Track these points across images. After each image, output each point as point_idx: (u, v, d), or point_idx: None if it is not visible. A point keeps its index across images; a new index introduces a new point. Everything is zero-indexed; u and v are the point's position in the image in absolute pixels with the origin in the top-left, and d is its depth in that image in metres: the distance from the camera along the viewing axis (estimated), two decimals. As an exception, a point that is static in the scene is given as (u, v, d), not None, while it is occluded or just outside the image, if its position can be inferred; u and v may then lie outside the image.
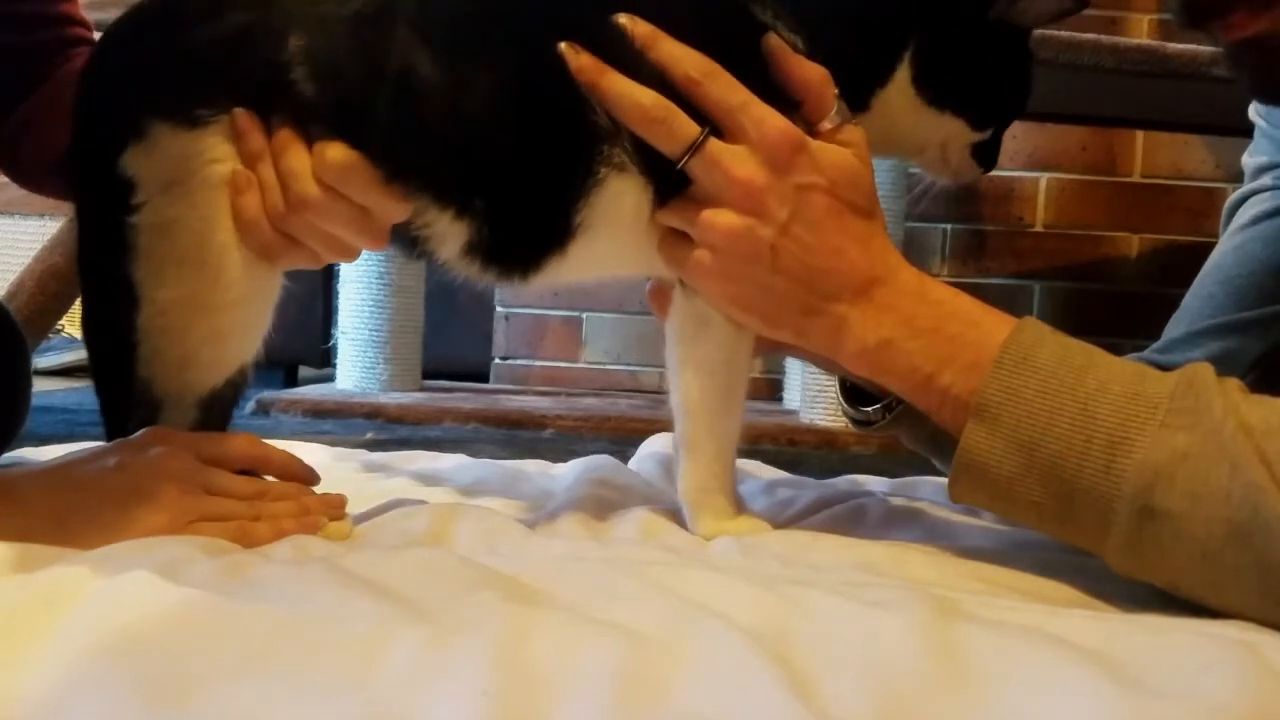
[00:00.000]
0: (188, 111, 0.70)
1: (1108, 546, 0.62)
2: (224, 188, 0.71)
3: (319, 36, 0.70)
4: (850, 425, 0.90)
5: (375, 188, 0.71)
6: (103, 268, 0.74)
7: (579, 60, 0.69)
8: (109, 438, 0.77)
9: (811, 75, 0.72)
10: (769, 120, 0.69)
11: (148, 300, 0.73)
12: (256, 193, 0.71)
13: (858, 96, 0.75)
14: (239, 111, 0.70)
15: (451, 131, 0.71)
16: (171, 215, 0.71)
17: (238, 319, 0.75)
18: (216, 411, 0.77)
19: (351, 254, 0.76)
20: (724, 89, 0.70)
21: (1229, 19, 0.73)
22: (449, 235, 0.73)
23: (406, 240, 0.75)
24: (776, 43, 0.72)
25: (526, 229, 0.74)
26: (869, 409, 0.86)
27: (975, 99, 0.79)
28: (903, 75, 0.77)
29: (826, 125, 0.72)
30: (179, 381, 0.75)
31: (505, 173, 0.72)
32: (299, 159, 0.70)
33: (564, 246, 0.73)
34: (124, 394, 0.76)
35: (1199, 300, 1.00)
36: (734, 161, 0.69)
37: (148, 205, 0.71)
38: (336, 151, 0.70)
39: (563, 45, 0.69)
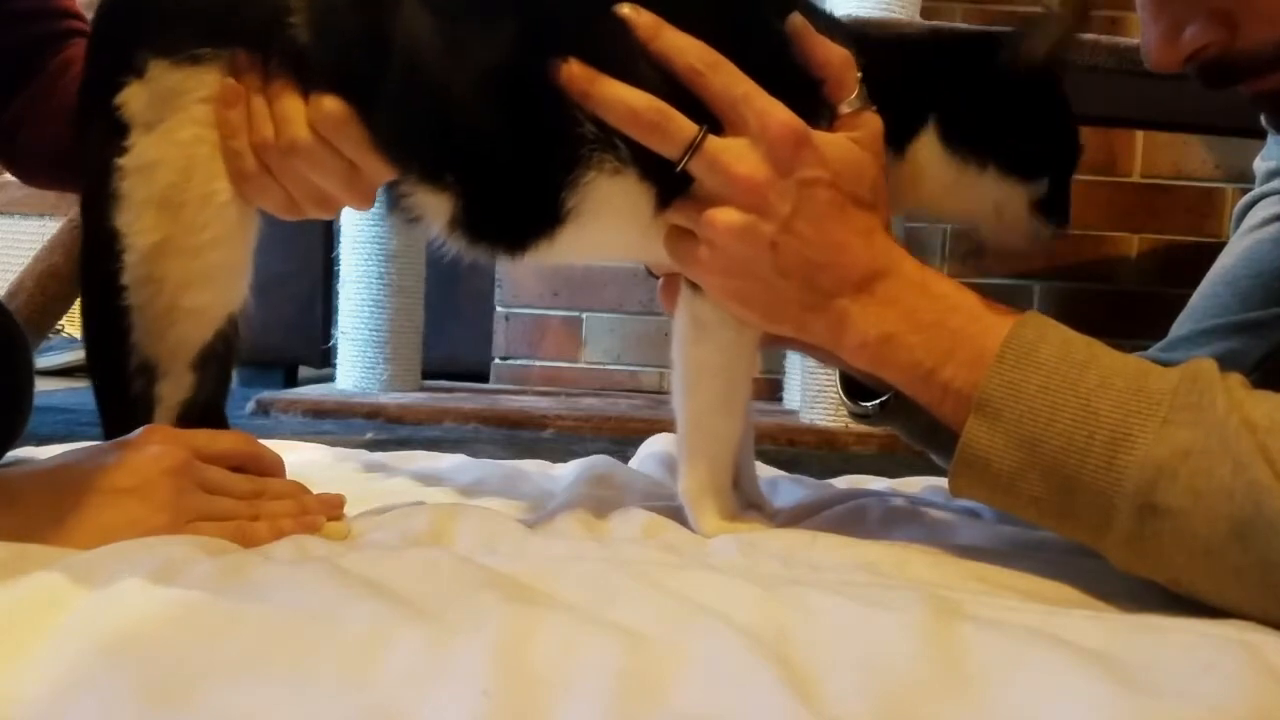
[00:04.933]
0: (187, 48, 0.71)
1: (1108, 542, 0.62)
2: (209, 127, 0.72)
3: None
4: (849, 418, 0.90)
5: (365, 147, 0.72)
6: (99, 226, 0.75)
7: (569, 70, 0.69)
8: (105, 425, 0.77)
9: (833, 55, 0.71)
10: (772, 112, 0.68)
11: (130, 249, 0.73)
12: (244, 109, 0.72)
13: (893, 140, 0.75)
14: (241, 53, 0.71)
15: (441, 106, 0.71)
16: (154, 156, 0.72)
17: (216, 262, 0.75)
18: (212, 373, 0.77)
19: (331, 208, 0.77)
20: (727, 80, 0.69)
21: (1243, 81, 0.73)
22: (433, 207, 0.73)
23: (397, 207, 0.75)
24: (800, 21, 0.71)
25: (514, 214, 0.74)
26: (867, 404, 0.86)
27: (1012, 151, 0.76)
28: (930, 137, 0.76)
29: (845, 108, 0.72)
30: (168, 339, 0.74)
31: (495, 156, 0.72)
32: (293, 104, 0.71)
33: (552, 234, 0.73)
34: (119, 372, 0.75)
35: (1204, 300, 1.00)
36: (734, 158, 0.69)
37: (134, 148, 0.72)
38: (332, 103, 0.71)
39: (558, 66, 0.69)
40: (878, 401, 0.85)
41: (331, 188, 0.74)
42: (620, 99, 0.69)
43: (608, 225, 0.73)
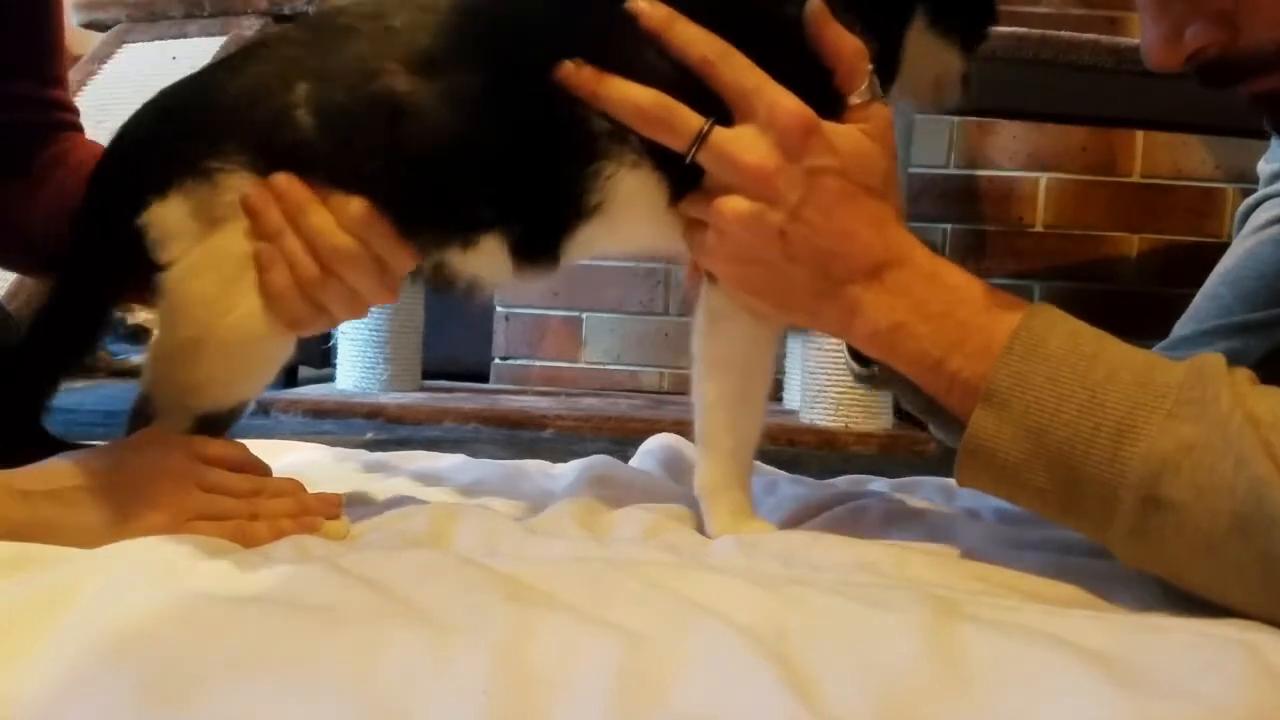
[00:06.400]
0: (203, 166, 0.71)
1: (1112, 535, 0.62)
2: (243, 255, 0.72)
3: (323, 82, 0.71)
4: (855, 382, 0.90)
5: (393, 240, 0.72)
6: (95, 297, 0.76)
7: (578, 75, 0.70)
8: None
9: (847, 45, 0.71)
10: (782, 102, 0.69)
11: (165, 332, 0.74)
12: (283, 265, 0.71)
13: (890, 61, 0.76)
14: (250, 194, 0.71)
15: (463, 160, 0.71)
16: (192, 281, 0.72)
17: (253, 368, 0.77)
18: (211, 425, 0.78)
19: (364, 309, 0.77)
20: (738, 70, 0.70)
21: (1243, 81, 0.73)
22: (484, 257, 0.74)
23: (438, 283, 0.76)
24: (818, 6, 0.71)
25: (551, 224, 0.74)
26: (875, 366, 0.86)
27: (975, 24, 0.81)
28: (918, 26, 0.77)
29: (855, 99, 0.72)
30: (182, 402, 0.75)
31: (520, 194, 0.72)
32: (322, 216, 0.71)
33: (581, 232, 0.74)
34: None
35: (1207, 301, 1.00)
36: (741, 148, 0.69)
37: (174, 265, 0.72)
38: (357, 204, 0.71)
39: (565, 67, 0.69)
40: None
41: (366, 287, 0.74)
42: (626, 97, 0.70)
43: (632, 218, 0.73)
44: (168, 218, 0.72)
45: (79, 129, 0.94)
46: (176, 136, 0.74)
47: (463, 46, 0.72)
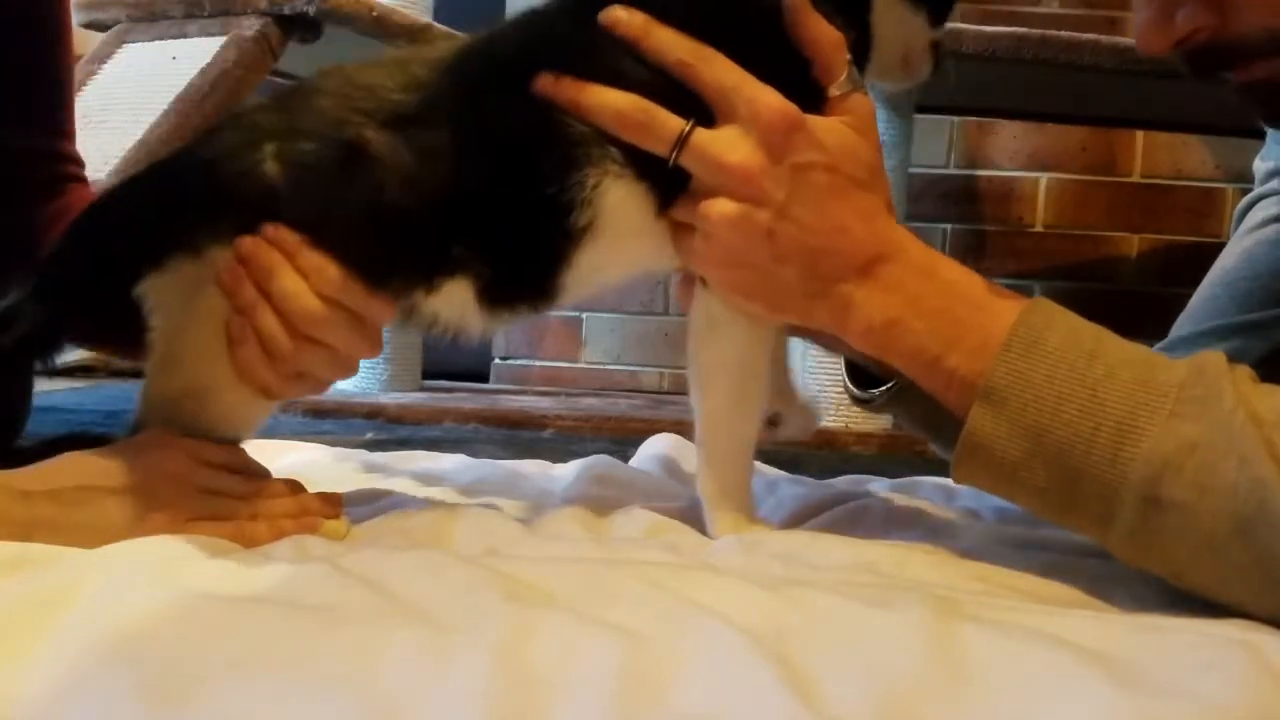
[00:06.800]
0: (193, 239, 0.72)
1: (1111, 535, 0.61)
2: (220, 322, 0.72)
3: (290, 140, 0.71)
4: (852, 403, 0.90)
5: (365, 294, 0.72)
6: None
7: (557, 86, 0.69)
8: None
9: (825, 36, 0.71)
10: (763, 99, 0.68)
11: (153, 382, 0.75)
12: (254, 342, 0.71)
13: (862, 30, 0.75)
14: (226, 266, 0.71)
15: (433, 200, 0.71)
16: (176, 342, 0.73)
17: (239, 420, 0.77)
18: None
19: (353, 368, 0.76)
20: (717, 70, 0.69)
21: (1234, 68, 0.73)
22: (452, 300, 0.74)
23: (410, 324, 0.76)
24: None
25: (536, 256, 0.74)
26: (875, 390, 0.86)
27: None
28: None
29: (834, 91, 0.71)
30: (173, 425, 0.75)
31: (501, 229, 0.72)
32: (293, 279, 0.70)
33: (575, 260, 0.73)
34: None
35: (1203, 302, 1.00)
36: (724, 149, 0.69)
37: (159, 330, 0.73)
38: (329, 265, 0.71)
39: (544, 78, 0.69)
40: (884, 389, 0.85)
41: (349, 345, 0.74)
42: (606, 103, 0.69)
43: (624, 233, 0.72)
44: (162, 288, 0.72)
45: (84, 181, 0.94)
46: (167, 210, 0.74)
47: (438, 89, 0.72)
